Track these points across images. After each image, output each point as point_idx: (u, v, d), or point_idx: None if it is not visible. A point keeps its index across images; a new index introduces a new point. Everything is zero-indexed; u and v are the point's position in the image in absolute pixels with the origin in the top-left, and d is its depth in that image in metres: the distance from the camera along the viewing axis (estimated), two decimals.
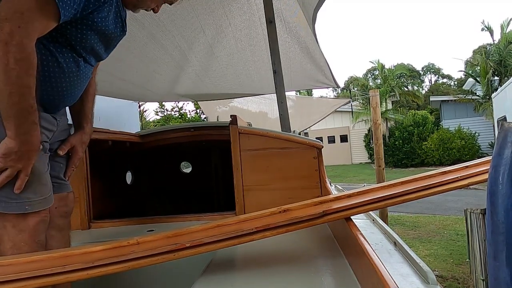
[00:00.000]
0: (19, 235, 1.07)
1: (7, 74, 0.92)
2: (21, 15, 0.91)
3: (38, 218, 1.10)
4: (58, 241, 1.26)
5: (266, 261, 1.19)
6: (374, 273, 0.77)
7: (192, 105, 18.91)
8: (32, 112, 0.99)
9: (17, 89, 0.94)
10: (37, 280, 0.96)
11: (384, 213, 6.00)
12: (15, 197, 1.05)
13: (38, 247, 1.10)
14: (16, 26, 0.90)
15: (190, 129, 2.51)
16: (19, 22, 0.90)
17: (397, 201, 1.14)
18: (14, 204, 1.05)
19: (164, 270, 1.58)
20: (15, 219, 1.07)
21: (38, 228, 1.10)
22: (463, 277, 4.15)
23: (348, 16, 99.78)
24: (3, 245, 1.07)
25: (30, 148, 1.03)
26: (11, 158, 1.01)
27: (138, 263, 0.99)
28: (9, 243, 1.07)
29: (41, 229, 1.12)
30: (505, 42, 17.29)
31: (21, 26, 0.91)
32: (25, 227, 1.08)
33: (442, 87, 36.94)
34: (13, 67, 0.91)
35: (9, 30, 0.89)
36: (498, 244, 0.71)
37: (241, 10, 2.99)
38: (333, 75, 4.38)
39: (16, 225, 1.07)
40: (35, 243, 1.09)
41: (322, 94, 50.73)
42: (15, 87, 0.94)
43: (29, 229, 1.08)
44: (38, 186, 1.09)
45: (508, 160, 0.71)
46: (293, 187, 1.85)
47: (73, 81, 1.17)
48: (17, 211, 1.06)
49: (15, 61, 0.91)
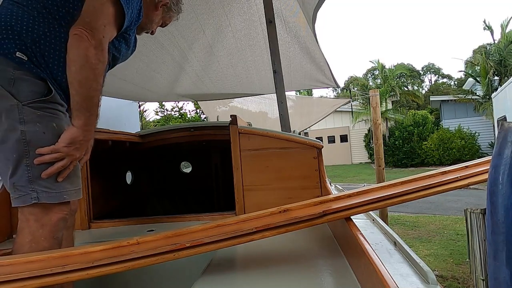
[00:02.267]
0: (40, 230, 1.10)
1: (94, 72, 1.10)
2: (104, 27, 1.11)
3: (60, 215, 1.14)
4: (65, 238, 1.29)
5: (266, 261, 1.19)
6: (374, 273, 0.77)
7: (192, 105, 18.91)
8: (98, 107, 1.17)
9: (96, 85, 1.12)
10: (37, 280, 0.96)
11: (384, 213, 5.99)
12: (55, 187, 1.11)
13: (55, 244, 1.12)
14: (101, 35, 1.10)
15: (190, 129, 2.51)
16: (103, 32, 1.11)
17: (397, 201, 1.14)
18: (54, 194, 1.11)
19: (164, 270, 1.58)
20: (39, 213, 1.10)
21: (58, 225, 1.13)
22: (463, 277, 4.15)
23: (348, 16, 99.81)
24: (22, 237, 1.09)
25: (89, 138, 1.18)
26: (74, 147, 1.12)
27: (138, 263, 0.99)
28: (28, 236, 1.09)
29: (61, 226, 1.15)
30: (505, 41, 17.28)
31: (105, 36, 1.11)
32: (47, 222, 1.10)
33: (442, 87, 36.93)
34: (98, 67, 1.10)
35: (98, 38, 1.09)
36: (498, 244, 0.71)
37: (241, 10, 2.99)
38: (333, 75, 4.38)
39: (39, 219, 1.10)
40: (53, 239, 1.12)
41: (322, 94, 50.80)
42: (96, 84, 1.11)
43: (51, 225, 1.11)
44: (74, 177, 1.17)
45: (508, 160, 0.71)
46: (293, 187, 1.85)
47: None
48: (57, 200, 1.11)
49: (100, 63, 1.11)
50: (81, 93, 1.10)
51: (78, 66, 1.08)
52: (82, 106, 1.11)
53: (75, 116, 1.11)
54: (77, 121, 1.11)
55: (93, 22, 1.09)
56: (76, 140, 1.12)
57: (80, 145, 1.13)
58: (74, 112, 1.12)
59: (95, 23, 1.09)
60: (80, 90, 1.10)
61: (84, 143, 1.15)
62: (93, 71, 1.09)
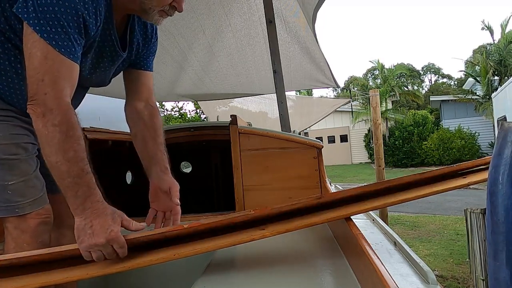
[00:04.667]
0: (21, 236, 1.09)
1: (49, 144, 0.90)
2: (43, 81, 0.91)
3: (38, 219, 1.12)
4: (70, 240, 1.29)
5: (266, 261, 1.19)
6: (374, 273, 0.77)
7: (192, 105, 18.90)
8: (82, 174, 0.93)
9: (58, 158, 0.90)
10: (37, 280, 0.95)
11: (384, 213, 5.99)
12: (4, 201, 1.07)
13: (40, 247, 1.11)
14: (43, 93, 0.90)
15: (190, 129, 2.51)
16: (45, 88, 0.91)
17: (397, 201, 1.14)
18: (4, 207, 1.07)
19: (164, 270, 1.58)
20: (15, 221, 1.09)
21: (39, 229, 1.12)
22: (463, 277, 4.15)
23: (348, 16, 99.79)
24: (7, 244, 1.10)
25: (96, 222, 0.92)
26: (87, 243, 0.91)
27: (138, 263, 0.99)
28: (12, 243, 1.09)
29: (42, 229, 1.13)
30: (505, 41, 17.28)
31: (47, 92, 0.90)
32: (26, 228, 1.10)
33: (442, 87, 36.93)
34: (50, 136, 0.90)
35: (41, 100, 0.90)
36: (498, 244, 0.71)
37: (241, 10, 2.99)
38: (333, 75, 4.38)
39: (18, 226, 1.09)
40: (37, 243, 1.11)
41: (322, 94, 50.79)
42: (56, 157, 0.90)
43: (31, 230, 1.10)
44: (26, 188, 1.10)
45: (508, 160, 0.71)
46: (293, 187, 1.85)
47: None
48: (8, 214, 1.08)
49: (52, 127, 0.89)
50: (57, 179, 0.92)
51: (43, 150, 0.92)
52: (64, 192, 0.93)
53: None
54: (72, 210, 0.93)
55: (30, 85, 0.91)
56: (81, 233, 0.92)
57: (90, 236, 0.90)
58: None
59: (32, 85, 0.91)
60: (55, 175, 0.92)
61: (95, 229, 0.91)
62: (48, 144, 0.90)
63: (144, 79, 1.32)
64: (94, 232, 0.90)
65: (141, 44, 1.26)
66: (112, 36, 1.10)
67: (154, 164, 1.28)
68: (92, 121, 2.13)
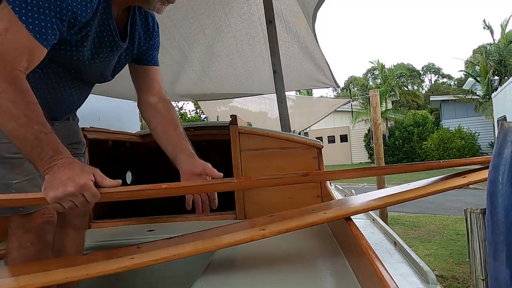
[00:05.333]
0: (25, 235, 1.09)
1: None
2: None
3: (42, 219, 1.11)
4: (73, 239, 1.29)
5: (266, 261, 1.19)
6: (374, 273, 0.77)
7: (192, 105, 18.91)
8: (31, 137, 0.87)
9: (5, 121, 0.87)
10: (37, 280, 0.95)
11: (384, 213, 6.00)
12: None
13: (44, 247, 1.12)
14: None
15: (190, 129, 2.51)
16: None
17: (397, 200, 1.14)
18: (8, 206, 1.07)
19: (164, 270, 1.58)
20: (19, 220, 1.09)
21: (43, 228, 1.12)
22: (463, 277, 4.15)
23: (348, 16, 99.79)
24: (11, 243, 1.10)
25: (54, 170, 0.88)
26: (54, 195, 0.87)
27: (138, 263, 0.99)
28: (15, 242, 1.09)
29: (46, 229, 1.13)
30: (505, 41, 17.29)
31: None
32: (30, 228, 1.10)
33: (442, 87, 36.95)
34: None
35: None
36: (498, 244, 0.71)
37: (241, 10, 2.99)
38: (333, 75, 4.38)
39: (21, 225, 1.09)
40: (40, 243, 1.11)
41: (322, 94, 50.83)
42: (4, 120, 0.87)
43: (35, 230, 1.10)
44: (29, 187, 1.09)
45: (508, 160, 0.71)
46: (293, 187, 1.85)
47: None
48: (12, 213, 1.08)
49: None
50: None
51: None
52: (30, 159, 0.90)
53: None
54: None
55: None
56: (47, 185, 0.88)
57: (57, 186, 0.86)
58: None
59: None
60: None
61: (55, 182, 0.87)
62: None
63: (153, 74, 1.33)
64: (62, 182, 0.85)
65: (143, 38, 1.26)
66: (111, 25, 1.10)
67: (180, 152, 1.28)
68: (92, 121, 2.13)
